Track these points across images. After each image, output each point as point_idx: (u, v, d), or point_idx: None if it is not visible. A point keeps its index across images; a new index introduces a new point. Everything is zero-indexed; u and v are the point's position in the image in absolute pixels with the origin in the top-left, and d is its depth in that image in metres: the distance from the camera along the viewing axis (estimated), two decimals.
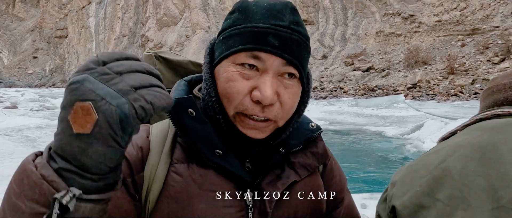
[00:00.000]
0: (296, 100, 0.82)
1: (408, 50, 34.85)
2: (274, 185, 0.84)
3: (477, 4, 35.02)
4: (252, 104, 0.76)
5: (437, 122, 11.03)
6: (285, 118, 0.81)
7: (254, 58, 0.76)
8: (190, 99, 0.81)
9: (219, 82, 0.80)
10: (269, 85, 0.74)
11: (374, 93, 28.57)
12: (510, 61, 28.28)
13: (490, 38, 32.07)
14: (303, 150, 0.92)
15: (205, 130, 0.80)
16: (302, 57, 0.79)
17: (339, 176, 1.03)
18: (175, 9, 62.63)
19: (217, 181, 0.81)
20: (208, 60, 0.85)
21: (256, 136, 0.79)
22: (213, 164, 0.81)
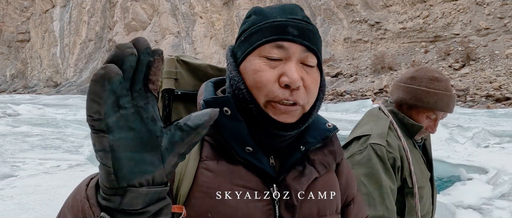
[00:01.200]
0: (318, 85, 0.89)
1: (374, 56, 35.88)
2: (299, 180, 0.88)
3: (438, 12, 36.56)
4: (281, 90, 0.81)
5: None
6: (310, 102, 0.87)
7: (277, 48, 0.83)
8: (228, 98, 0.85)
9: (246, 75, 0.85)
10: (294, 70, 0.81)
11: (343, 98, 29.17)
12: (469, 67, 29.64)
13: (451, 45, 33.52)
14: (321, 148, 0.97)
15: (238, 128, 0.84)
16: (318, 45, 0.87)
17: (351, 175, 1.08)
18: (143, 13, 61.69)
19: (246, 177, 0.85)
20: (232, 60, 0.91)
21: (286, 121, 0.84)
22: (242, 160, 0.85)
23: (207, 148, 0.87)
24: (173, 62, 1.18)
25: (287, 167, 0.89)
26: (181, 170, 0.83)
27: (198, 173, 0.84)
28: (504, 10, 32.64)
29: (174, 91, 1.14)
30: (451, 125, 12.14)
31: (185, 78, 1.19)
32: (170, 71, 1.16)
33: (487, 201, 5.12)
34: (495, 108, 19.43)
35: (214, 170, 0.84)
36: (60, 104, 33.96)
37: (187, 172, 0.83)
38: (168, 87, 1.14)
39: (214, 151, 0.87)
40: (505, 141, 9.12)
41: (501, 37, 31.27)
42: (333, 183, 0.97)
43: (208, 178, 0.83)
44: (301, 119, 0.88)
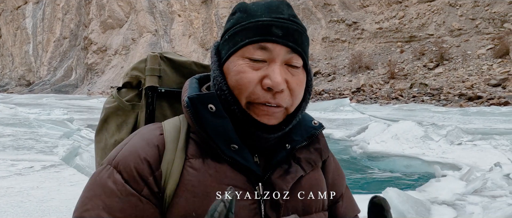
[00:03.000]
0: (303, 87, 0.88)
1: (352, 56, 36.38)
2: (284, 179, 0.88)
3: (413, 13, 37.38)
4: (263, 92, 0.81)
5: (380, 124, 11.57)
6: (294, 104, 0.86)
7: (261, 49, 0.81)
8: (213, 95, 0.84)
9: (229, 76, 0.85)
10: (278, 73, 0.80)
11: (321, 97, 29.46)
12: (443, 67, 30.46)
13: (425, 45, 34.35)
14: (307, 146, 0.96)
15: (224, 125, 0.83)
16: (304, 45, 0.86)
17: (338, 171, 1.07)
18: (120, 11, 60.60)
19: (232, 175, 0.84)
20: (216, 59, 0.90)
21: (269, 122, 0.83)
22: (228, 158, 0.84)
23: (192, 146, 0.86)
24: (157, 59, 1.16)
25: (272, 165, 0.89)
26: (167, 169, 0.82)
27: (184, 171, 0.83)
28: (476, 11, 33.68)
29: (158, 89, 1.12)
30: (426, 123, 12.43)
31: (169, 75, 1.17)
32: (153, 69, 1.14)
33: (461, 196, 5.26)
34: (468, 106, 20.02)
35: (199, 169, 0.83)
36: (33, 104, 32.97)
37: (173, 171, 0.82)
38: (152, 84, 1.12)
39: (200, 149, 0.86)
40: (477, 138, 9.39)
41: (473, 37, 32.25)
42: (319, 181, 0.97)
43: (194, 177, 0.82)
44: (285, 120, 0.87)
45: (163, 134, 0.87)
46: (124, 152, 0.83)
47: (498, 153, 7.88)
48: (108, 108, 1.17)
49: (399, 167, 7.80)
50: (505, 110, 16.94)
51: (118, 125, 1.15)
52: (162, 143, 0.85)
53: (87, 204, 0.78)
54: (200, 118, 0.83)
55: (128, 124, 1.14)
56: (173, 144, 0.86)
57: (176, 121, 0.92)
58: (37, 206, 4.86)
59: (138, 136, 0.88)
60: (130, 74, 1.17)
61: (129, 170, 0.80)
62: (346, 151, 9.70)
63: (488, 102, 20.58)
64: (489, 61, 28.50)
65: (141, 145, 0.84)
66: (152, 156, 0.82)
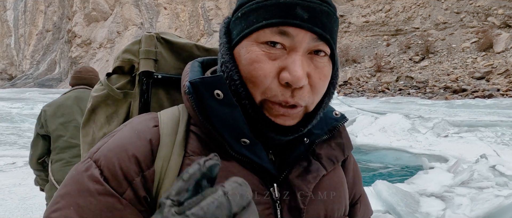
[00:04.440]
0: (327, 81, 0.73)
1: (339, 49, 36.50)
2: (305, 178, 0.75)
3: (399, 6, 37.64)
4: (281, 89, 0.67)
5: (367, 117, 11.60)
6: (315, 102, 0.72)
7: (280, 34, 0.66)
8: (220, 78, 0.70)
9: (241, 65, 0.70)
10: (299, 65, 0.65)
11: None
12: (429, 60, 30.79)
13: (411, 38, 34.67)
14: (328, 140, 0.84)
15: (233, 115, 0.69)
16: (333, 31, 0.71)
17: (357, 171, 0.95)
18: (105, 3, 59.65)
19: (241, 174, 0.70)
20: (225, 41, 0.75)
21: (285, 123, 0.70)
22: (237, 155, 0.71)
23: (193, 140, 0.73)
24: (153, 40, 1.00)
25: (289, 163, 0.76)
26: (161, 167, 0.69)
27: (183, 171, 0.66)
28: (461, 5, 34.09)
29: (154, 74, 0.97)
30: (413, 115, 12.54)
31: (167, 59, 1.02)
32: (148, 51, 0.98)
33: (449, 188, 5.30)
34: (453, 99, 20.30)
35: None
36: (15, 98, 32.31)
37: (170, 170, 0.69)
38: (147, 69, 0.97)
39: (202, 144, 0.73)
40: (463, 131, 9.51)
41: (457, 31, 32.67)
42: (342, 180, 0.84)
43: None
44: (303, 119, 0.73)
45: (158, 125, 0.74)
46: (109, 145, 0.70)
47: (483, 145, 8.00)
48: (96, 97, 1.02)
49: (387, 159, 7.83)
50: (489, 102, 17.23)
51: (107, 116, 1.00)
52: (156, 136, 0.72)
53: (58, 203, 0.65)
54: (204, 106, 0.71)
55: (119, 115, 0.99)
56: (170, 138, 0.72)
57: (174, 111, 0.79)
58: (19, 204, 4.72)
59: (128, 127, 0.74)
60: (122, 58, 1.01)
61: (112, 166, 0.66)
62: None
63: (472, 95, 20.90)
64: (474, 54, 28.93)
65: (131, 138, 0.70)
66: (143, 152, 0.69)
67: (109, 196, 0.64)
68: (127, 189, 0.65)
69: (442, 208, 4.61)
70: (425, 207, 4.59)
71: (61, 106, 2.91)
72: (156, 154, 0.70)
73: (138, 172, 0.67)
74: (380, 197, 4.55)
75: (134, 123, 0.75)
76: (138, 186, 0.66)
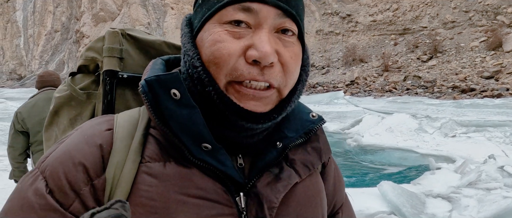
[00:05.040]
0: (299, 62, 0.69)
1: (346, 49, 36.35)
2: (274, 187, 0.69)
3: (407, 5, 37.35)
4: (247, 67, 0.62)
5: (374, 116, 11.53)
6: (289, 85, 0.67)
7: (244, 11, 0.63)
8: (176, 76, 0.65)
9: (203, 49, 0.65)
10: (266, 40, 0.61)
11: (315, 90, 29.42)
12: (436, 59, 30.52)
13: (419, 37, 34.39)
14: (304, 144, 0.77)
15: (192, 117, 0.63)
16: (299, 8, 0.67)
17: (339, 176, 0.89)
18: (112, 4, 60.00)
19: (202, 183, 0.64)
20: (187, 31, 0.70)
21: (256, 109, 0.64)
22: (198, 161, 0.64)
23: (152, 145, 0.67)
24: (117, 37, 0.94)
25: (258, 169, 0.70)
26: (114, 174, 0.63)
27: (138, 179, 0.63)
28: (469, 4, 33.72)
29: (118, 73, 0.91)
30: (420, 115, 12.43)
31: (134, 57, 0.95)
32: (112, 49, 0.92)
33: (455, 189, 5.23)
34: (461, 99, 20.10)
35: (159, 175, 0.63)
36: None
37: (123, 178, 0.62)
38: (110, 68, 0.91)
39: (161, 149, 0.66)
40: (471, 131, 9.40)
41: (466, 30, 32.32)
42: (318, 188, 0.78)
43: (150, 186, 0.62)
44: (277, 106, 0.68)
45: (113, 129, 0.68)
46: (56, 153, 0.63)
47: (492, 145, 7.89)
48: (58, 98, 0.96)
49: (394, 159, 7.77)
50: (498, 102, 17.03)
51: (71, 119, 0.95)
52: (108, 141, 0.65)
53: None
54: (161, 107, 0.64)
55: (83, 117, 0.94)
56: (124, 142, 0.66)
57: (134, 113, 0.72)
58: None
59: (79, 131, 0.68)
60: (85, 56, 0.95)
61: (57, 177, 0.60)
62: (340, 144, 9.66)
63: (481, 94, 20.67)
64: (482, 53, 28.61)
65: (79, 144, 0.64)
66: (91, 159, 0.63)
67: (52, 211, 0.58)
68: (74, 201, 0.60)
69: (448, 210, 4.55)
70: (431, 208, 4.53)
71: (35, 106, 3.32)
72: (107, 161, 0.64)
73: (86, 182, 0.61)
74: (386, 198, 4.49)
75: (85, 127, 0.69)
76: (87, 196, 0.61)
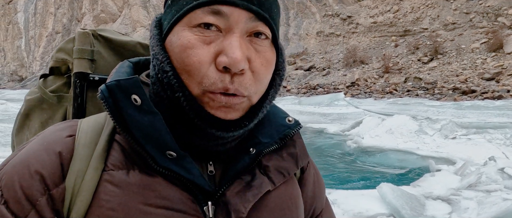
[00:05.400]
0: (271, 68, 0.66)
1: (346, 50, 36.32)
2: (243, 196, 0.65)
3: (408, 7, 37.33)
4: (219, 75, 0.59)
5: (374, 118, 11.52)
6: (259, 92, 0.65)
7: (214, 14, 0.60)
8: (135, 81, 0.62)
9: (173, 54, 0.62)
10: (237, 46, 0.59)
11: (316, 92, 29.40)
12: (437, 61, 30.48)
13: (420, 39, 34.36)
14: (279, 150, 0.74)
15: (154, 124, 0.61)
16: (272, 11, 0.65)
17: (319, 182, 0.86)
18: (113, 5, 60.10)
19: (167, 192, 0.62)
20: (156, 33, 0.67)
21: (226, 117, 0.62)
22: (162, 169, 0.62)
23: (116, 152, 0.64)
24: (88, 38, 0.91)
25: (230, 177, 0.67)
26: (74, 183, 0.60)
27: (99, 188, 0.60)
28: (470, 5, 33.70)
29: (89, 76, 0.88)
30: (420, 117, 12.42)
31: (106, 59, 0.93)
32: (83, 50, 0.89)
33: (455, 191, 5.22)
34: (462, 100, 20.07)
35: (121, 184, 0.60)
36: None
37: (84, 187, 0.60)
38: (81, 70, 0.88)
39: (126, 156, 0.63)
40: (471, 132, 9.38)
41: (467, 31, 32.29)
42: (293, 196, 0.74)
43: (112, 196, 0.59)
44: (248, 113, 0.65)
45: (75, 135, 0.65)
46: (14, 161, 0.61)
47: (492, 147, 7.87)
48: (29, 100, 0.94)
49: (394, 161, 7.75)
50: (499, 104, 16.99)
51: (42, 122, 0.91)
52: (68, 148, 0.63)
53: None
54: (123, 114, 0.61)
55: (54, 121, 0.90)
56: (87, 150, 0.63)
57: (100, 118, 0.69)
58: None
59: (39, 138, 0.65)
60: (55, 57, 0.93)
61: (12, 187, 0.57)
62: (340, 146, 9.64)
63: (482, 96, 20.64)
64: (483, 55, 28.58)
65: (37, 151, 0.61)
66: (49, 168, 0.60)
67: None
68: (30, 212, 0.57)
69: (448, 212, 4.54)
70: (430, 211, 4.52)
71: None
72: (67, 169, 0.61)
73: (43, 191, 0.59)
74: (385, 200, 4.49)
75: (46, 133, 0.66)
76: (43, 207, 0.58)
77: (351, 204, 4.50)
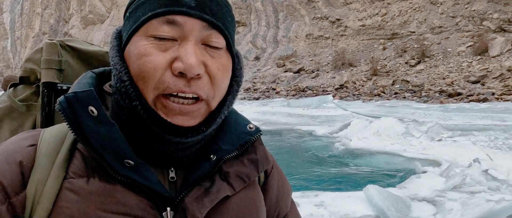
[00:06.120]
0: (227, 74, 0.69)
1: (335, 53, 36.56)
2: (201, 201, 0.68)
3: (396, 10, 37.77)
4: (174, 79, 0.62)
5: (362, 120, 11.64)
6: (217, 97, 0.68)
7: (168, 24, 0.63)
8: (90, 93, 0.64)
9: (130, 63, 0.65)
10: (192, 52, 0.62)
11: (304, 94, 29.52)
12: (424, 64, 30.87)
13: (407, 42, 34.76)
14: (239, 156, 0.77)
15: (111, 134, 0.63)
16: (226, 20, 0.68)
17: (283, 186, 0.88)
18: (101, 6, 59.59)
19: (126, 199, 0.63)
20: (115, 44, 0.70)
21: (184, 123, 0.64)
22: (121, 177, 0.64)
23: (78, 161, 0.65)
24: (55, 48, 0.94)
25: (189, 183, 0.69)
26: (35, 191, 0.62)
27: (60, 195, 0.62)
28: (456, 9, 34.23)
29: (57, 85, 0.91)
30: (407, 119, 12.56)
31: (75, 69, 0.95)
32: (50, 60, 0.92)
33: (440, 193, 5.30)
34: (448, 103, 20.34)
35: (81, 192, 0.62)
36: None
37: (45, 195, 0.61)
38: (48, 80, 0.90)
39: (87, 164, 0.65)
40: (457, 135, 9.53)
41: (453, 35, 32.78)
42: (254, 201, 0.76)
43: (72, 203, 0.61)
44: (206, 119, 0.68)
45: (36, 144, 0.66)
46: None
47: (477, 149, 8.01)
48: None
49: (381, 163, 7.83)
50: (484, 106, 17.28)
51: (12, 131, 0.93)
52: (29, 157, 0.64)
53: None
54: (81, 124, 0.63)
55: (24, 129, 0.92)
56: (48, 159, 0.65)
57: (62, 127, 0.71)
58: None
59: (1, 148, 0.66)
60: (24, 67, 0.96)
61: None
62: (328, 148, 9.71)
63: (467, 98, 20.95)
64: (469, 58, 29.03)
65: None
66: (9, 177, 0.61)
67: None
68: None
69: (433, 213, 4.61)
70: (416, 212, 4.59)
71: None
72: (28, 178, 0.63)
73: (3, 200, 0.60)
74: (371, 201, 4.54)
75: (8, 143, 0.68)
76: (4, 214, 0.60)
77: (338, 206, 4.55)
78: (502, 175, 5.87)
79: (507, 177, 5.81)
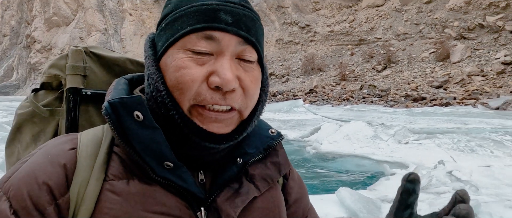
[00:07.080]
0: (258, 85, 0.73)
1: (305, 58, 37.11)
2: (232, 202, 0.72)
3: (363, 17, 38.81)
4: (210, 92, 0.66)
5: (332, 124, 11.83)
6: (249, 107, 0.72)
7: (206, 39, 0.66)
8: (138, 99, 0.68)
9: (167, 74, 0.68)
10: (228, 68, 0.65)
11: (275, 98, 29.74)
12: (390, 69, 31.85)
13: (374, 48, 35.79)
14: (263, 159, 0.81)
15: (154, 137, 0.66)
16: (258, 35, 0.71)
17: (302, 187, 0.93)
18: (66, 8, 57.76)
19: (165, 199, 0.67)
20: (151, 53, 0.72)
21: (219, 131, 0.68)
22: (160, 179, 0.67)
23: (116, 163, 0.69)
24: (80, 55, 0.96)
25: (219, 185, 0.73)
26: (78, 192, 0.65)
27: (101, 197, 0.65)
28: (420, 17, 35.58)
29: (82, 91, 0.93)
30: (375, 123, 12.88)
31: (98, 74, 0.97)
32: (76, 66, 0.94)
33: None
34: (413, 107, 21.05)
35: (122, 193, 0.65)
36: None
37: (87, 196, 0.64)
38: (74, 86, 0.92)
39: (125, 167, 0.68)
40: (422, 138, 9.85)
41: (417, 41, 34.03)
42: (277, 201, 0.81)
43: (114, 204, 0.64)
44: (239, 127, 0.72)
45: (76, 148, 0.69)
46: (20, 173, 0.65)
47: (441, 151, 8.31)
48: (21, 114, 0.98)
49: (351, 166, 7.98)
50: (447, 110, 18.00)
51: (34, 135, 0.95)
52: (72, 160, 0.67)
53: None
54: (124, 129, 0.66)
55: (46, 134, 0.95)
56: (88, 161, 0.68)
57: (97, 131, 0.74)
58: None
59: (42, 151, 0.69)
60: (48, 73, 0.98)
61: (21, 197, 0.61)
62: (300, 152, 9.80)
63: (431, 103, 21.76)
64: (432, 64, 30.19)
65: (42, 164, 0.65)
66: (55, 179, 0.64)
67: None
68: None
69: None
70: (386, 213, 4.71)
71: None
72: (71, 180, 0.66)
73: (51, 201, 0.63)
74: (343, 204, 4.62)
75: (49, 147, 0.70)
76: (51, 215, 0.63)
77: None
78: (465, 175, 6.12)
79: (470, 177, 6.07)
